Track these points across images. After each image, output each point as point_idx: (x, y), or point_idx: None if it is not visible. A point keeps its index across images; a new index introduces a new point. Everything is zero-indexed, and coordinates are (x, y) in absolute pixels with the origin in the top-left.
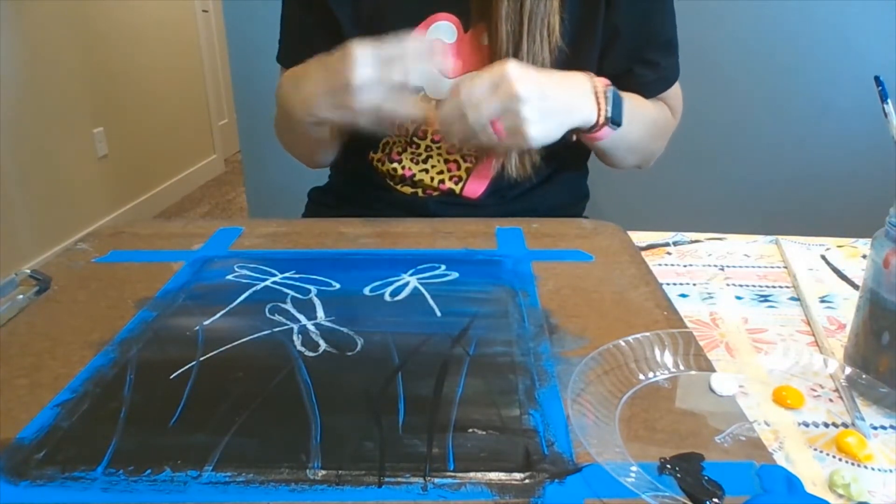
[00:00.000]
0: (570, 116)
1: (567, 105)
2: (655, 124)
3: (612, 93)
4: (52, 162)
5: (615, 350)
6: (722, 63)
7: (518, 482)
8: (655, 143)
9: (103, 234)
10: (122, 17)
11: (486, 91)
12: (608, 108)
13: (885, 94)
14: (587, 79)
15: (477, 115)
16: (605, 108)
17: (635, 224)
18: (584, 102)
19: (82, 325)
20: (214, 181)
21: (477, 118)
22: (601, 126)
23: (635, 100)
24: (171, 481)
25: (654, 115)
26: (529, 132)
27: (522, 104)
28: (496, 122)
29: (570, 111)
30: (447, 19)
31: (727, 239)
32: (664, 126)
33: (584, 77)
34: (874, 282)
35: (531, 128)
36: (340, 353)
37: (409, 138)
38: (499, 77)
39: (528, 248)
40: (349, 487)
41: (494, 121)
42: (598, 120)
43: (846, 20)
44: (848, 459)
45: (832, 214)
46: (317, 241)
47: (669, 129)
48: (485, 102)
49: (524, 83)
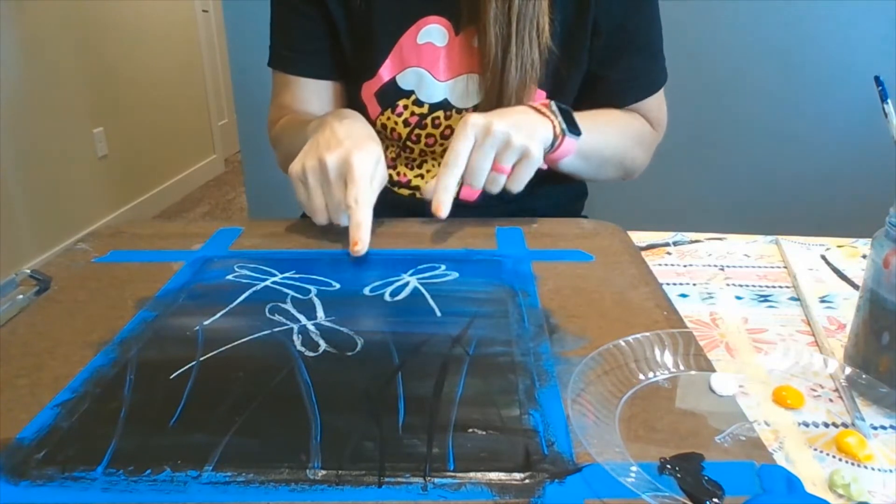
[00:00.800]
0: (538, 132)
1: (529, 123)
2: (626, 134)
3: (555, 105)
4: (52, 162)
5: (615, 350)
6: (722, 63)
7: (518, 482)
8: (633, 154)
9: (103, 234)
10: (122, 17)
11: (470, 148)
12: (559, 120)
13: (885, 94)
14: (524, 106)
15: (481, 173)
16: (556, 121)
17: (635, 224)
18: (535, 119)
19: (82, 325)
20: (214, 181)
21: (481, 176)
22: (560, 138)
23: (601, 114)
24: (171, 481)
25: (623, 125)
26: (533, 151)
27: (510, 135)
28: (496, 165)
29: (535, 127)
30: (438, 22)
31: (727, 239)
32: (639, 136)
33: (520, 106)
34: (874, 282)
35: (531, 146)
36: (340, 352)
37: (401, 143)
38: (471, 130)
39: (528, 248)
40: (349, 487)
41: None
42: (554, 132)
43: (846, 20)
44: (848, 459)
45: (832, 214)
46: (317, 241)
47: (648, 139)
48: (478, 158)
49: (496, 122)
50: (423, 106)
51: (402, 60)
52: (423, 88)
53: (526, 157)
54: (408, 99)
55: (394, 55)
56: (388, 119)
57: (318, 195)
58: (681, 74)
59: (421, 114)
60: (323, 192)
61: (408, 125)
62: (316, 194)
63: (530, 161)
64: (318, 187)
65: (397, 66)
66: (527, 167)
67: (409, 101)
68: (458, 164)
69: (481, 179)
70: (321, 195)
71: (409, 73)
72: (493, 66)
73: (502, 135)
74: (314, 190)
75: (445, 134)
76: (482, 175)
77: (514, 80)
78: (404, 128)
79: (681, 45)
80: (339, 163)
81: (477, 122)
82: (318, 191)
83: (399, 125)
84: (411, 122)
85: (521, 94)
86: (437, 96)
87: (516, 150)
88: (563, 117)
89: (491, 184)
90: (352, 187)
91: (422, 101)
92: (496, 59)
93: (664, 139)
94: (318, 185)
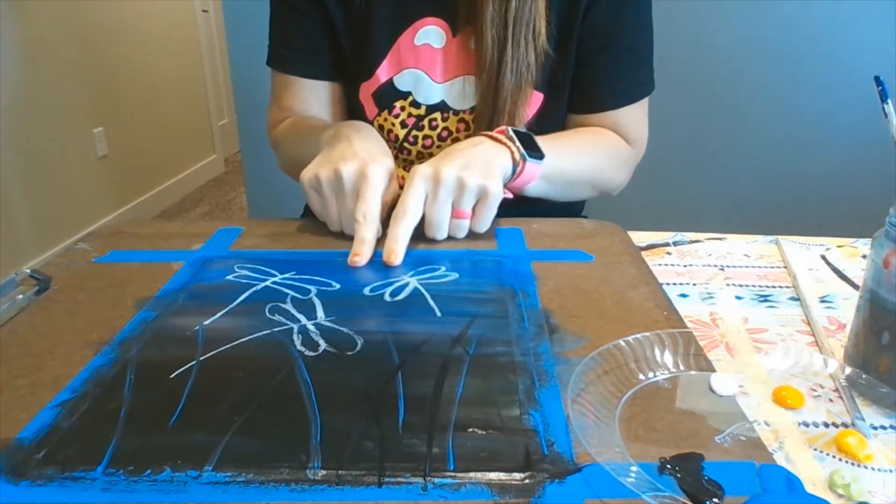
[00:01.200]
0: (494, 164)
1: (482, 157)
2: (596, 154)
3: (511, 131)
4: (52, 162)
5: (615, 350)
6: (722, 63)
7: (518, 482)
8: (607, 174)
9: (103, 234)
10: (122, 17)
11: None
12: (516, 146)
13: (885, 94)
14: (478, 136)
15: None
16: (514, 147)
17: (635, 224)
18: (491, 150)
19: (82, 325)
20: (214, 181)
21: (443, 228)
22: (521, 164)
23: (569, 134)
24: (171, 481)
25: (593, 145)
26: (490, 188)
27: (463, 178)
28: (456, 211)
29: (490, 160)
30: (435, 23)
31: (727, 239)
32: (613, 154)
33: (475, 137)
34: (874, 282)
35: (489, 184)
36: (340, 352)
37: (399, 144)
38: (419, 182)
39: (528, 248)
40: (349, 487)
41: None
42: (513, 158)
43: (846, 20)
44: (848, 459)
45: (832, 214)
46: (317, 241)
47: (623, 157)
48: (435, 212)
49: (444, 168)
50: (421, 107)
51: (399, 61)
52: (420, 90)
53: (484, 197)
54: (405, 100)
55: (391, 56)
56: (385, 120)
57: (333, 205)
58: (681, 74)
59: (418, 115)
60: (337, 202)
61: (405, 126)
62: (330, 203)
63: (490, 199)
64: (333, 196)
65: (395, 67)
66: (488, 206)
67: (406, 103)
68: (408, 216)
69: (444, 230)
70: (335, 205)
71: (406, 74)
72: (490, 69)
73: (454, 180)
74: (328, 199)
75: (442, 136)
76: (443, 227)
77: (509, 83)
78: (401, 129)
79: (680, 45)
80: (355, 175)
81: (425, 172)
82: (333, 200)
83: (396, 126)
84: (408, 123)
85: (517, 96)
86: (435, 98)
87: (472, 191)
88: (524, 142)
89: (455, 231)
90: (361, 203)
91: (419, 102)
92: (492, 62)
93: (664, 139)
94: (333, 194)
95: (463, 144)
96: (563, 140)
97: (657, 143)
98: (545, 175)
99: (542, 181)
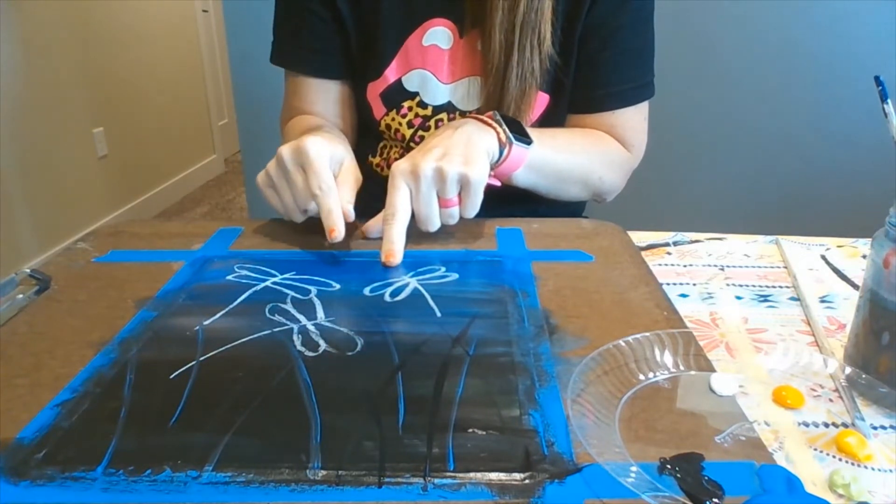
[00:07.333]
0: (477, 147)
1: (464, 142)
2: (590, 152)
3: (498, 115)
4: (52, 162)
5: (615, 350)
6: (722, 63)
7: (518, 482)
8: (599, 173)
9: (103, 234)
10: (122, 18)
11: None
12: (503, 129)
13: (885, 94)
14: (462, 119)
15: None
16: (500, 129)
17: (635, 224)
18: (475, 133)
19: (82, 325)
20: (214, 181)
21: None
22: (508, 147)
23: (563, 131)
24: (171, 481)
25: (588, 143)
26: (472, 174)
27: (442, 168)
28: (441, 201)
29: (473, 144)
30: (443, 24)
31: (727, 239)
32: (608, 155)
33: (460, 119)
34: (874, 282)
35: (468, 171)
36: (340, 353)
37: (405, 144)
38: (399, 180)
39: (528, 248)
40: (349, 487)
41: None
42: (499, 139)
43: (846, 20)
44: (848, 459)
45: (832, 214)
46: (317, 241)
47: (619, 160)
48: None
49: (422, 162)
50: (427, 108)
51: (407, 62)
52: (427, 90)
53: (466, 184)
54: (412, 100)
55: (400, 57)
56: (392, 120)
57: (285, 190)
58: (681, 74)
59: (425, 115)
60: (288, 186)
61: (412, 126)
62: (282, 190)
63: (472, 185)
64: (282, 180)
65: (403, 67)
66: (472, 192)
67: (413, 103)
68: (398, 216)
69: (435, 222)
70: (287, 190)
71: (414, 74)
72: (496, 72)
73: (432, 172)
74: (279, 186)
75: None
76: (433, 219)
77: (514, 88)
78: (408, 129)
79: (681, 44)
80: (293, 152)
81: (403, 168)
82: (283, 184)
83: (403, 126)
84: (415, 123)
85: (521, 101)
86: (441, 98)
87: (453, 180)
88: (511, 127)
89: (447, 219)
90: (312, 176)
91: (426, 102)
92: (499, 65)
93: (664, 139)
94: (281, 178)
95: (444, 129)
96: (555, 133)
97: (657, 142)
98: (533, 164)
99: (530, 170)
